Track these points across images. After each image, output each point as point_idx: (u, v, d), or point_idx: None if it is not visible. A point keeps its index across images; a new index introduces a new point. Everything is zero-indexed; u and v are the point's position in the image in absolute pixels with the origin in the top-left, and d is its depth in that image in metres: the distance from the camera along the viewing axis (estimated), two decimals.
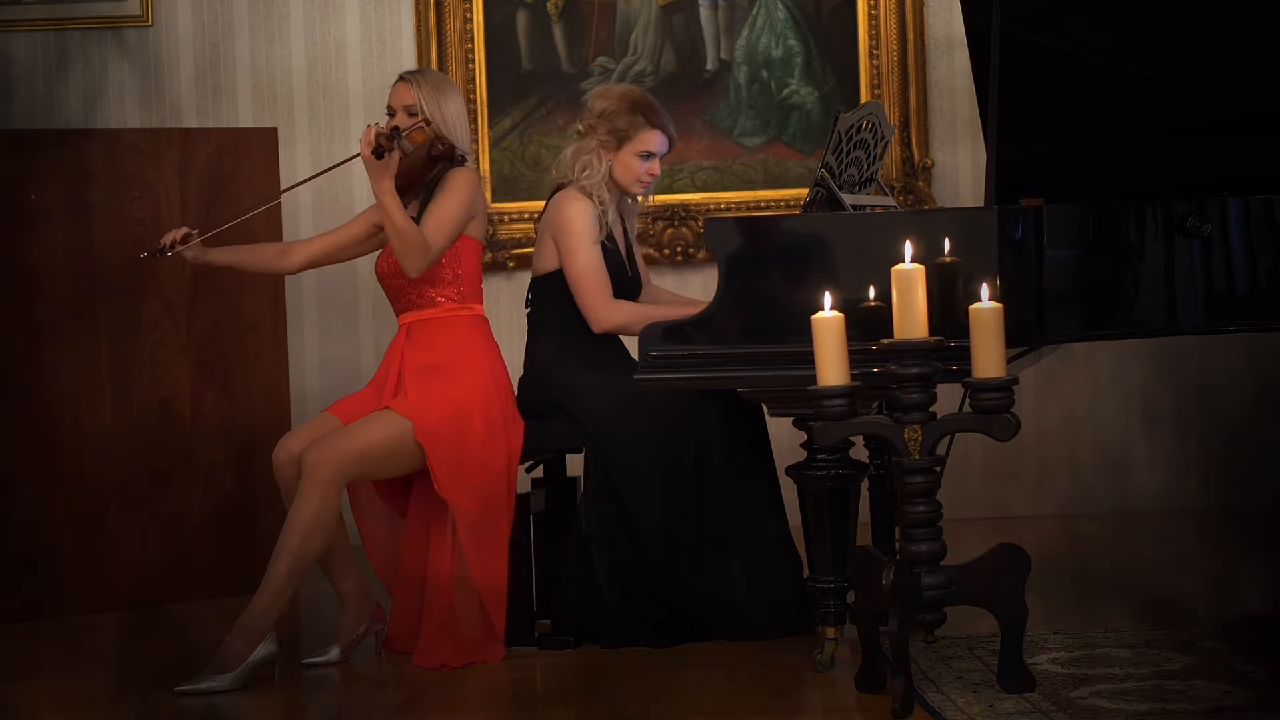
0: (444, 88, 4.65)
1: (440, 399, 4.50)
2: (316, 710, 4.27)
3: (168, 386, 5.51)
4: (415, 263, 4.50)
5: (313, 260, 4.81)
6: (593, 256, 4.73)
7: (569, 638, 4.62)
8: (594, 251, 4.74)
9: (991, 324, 3.79)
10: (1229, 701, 3.72)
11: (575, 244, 4.73)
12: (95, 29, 6.39)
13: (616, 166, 4.78)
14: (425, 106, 4.60)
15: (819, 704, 4.05)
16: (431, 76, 4.69)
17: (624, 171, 4.79)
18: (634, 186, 4.81)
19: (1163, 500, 6.45)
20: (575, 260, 4.74)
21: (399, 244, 4.48)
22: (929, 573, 3.85)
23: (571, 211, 4.75)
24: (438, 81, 4.66)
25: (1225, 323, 4.31)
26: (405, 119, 4.61)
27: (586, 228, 4.74)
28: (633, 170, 4.78)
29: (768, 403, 4.27)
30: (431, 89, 4.62)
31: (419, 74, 4.70)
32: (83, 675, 4.63)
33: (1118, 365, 6.48)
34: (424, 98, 4.61)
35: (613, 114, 4.77)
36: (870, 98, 6.30)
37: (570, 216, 4.75)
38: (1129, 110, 4.48)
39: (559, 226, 4.76)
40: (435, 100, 4.61)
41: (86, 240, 5.43)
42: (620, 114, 4.77)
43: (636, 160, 4.78)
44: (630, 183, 4.80)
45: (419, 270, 4.51)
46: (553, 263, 4.79)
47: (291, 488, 4.46)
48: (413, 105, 4.61)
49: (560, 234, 4.75)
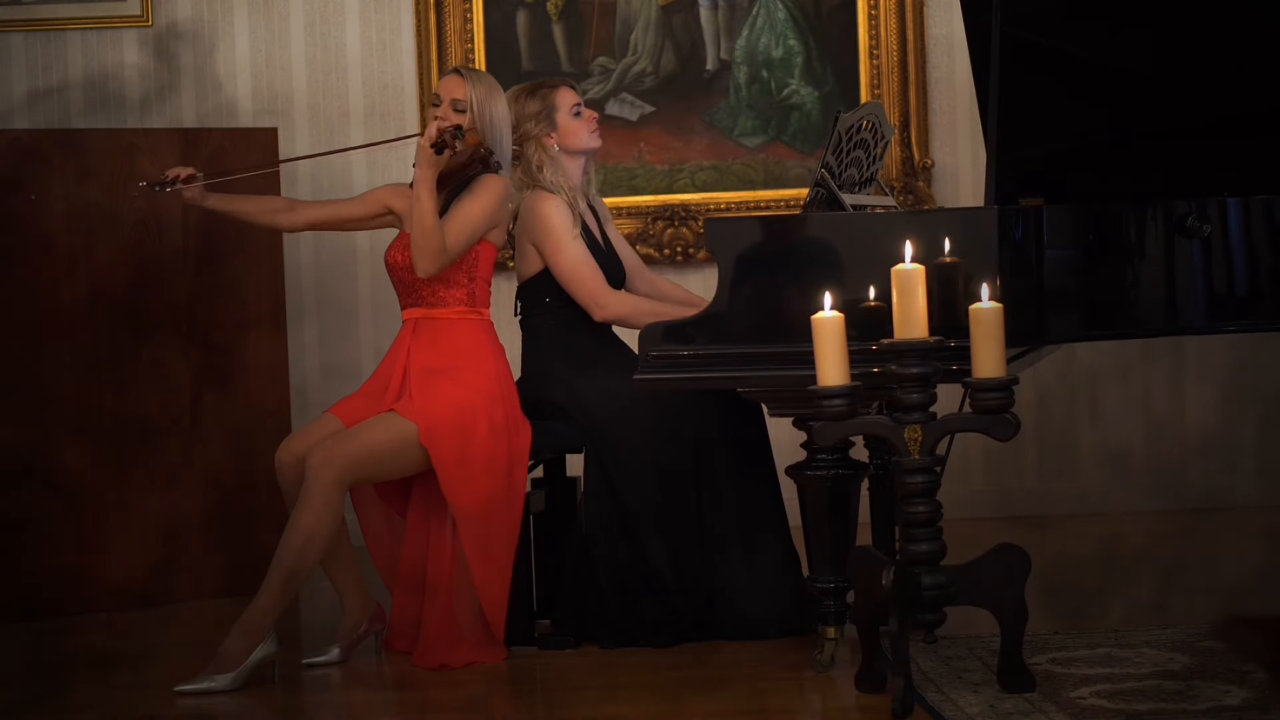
0: (496, 92, 4.66)
1: (445, 401, 4.49)
2: (316, 710, 4.27)
3: (168, 386, 5.51)
4: (428, 263, 4.49)
5: (315, 223, 4.80)
6: (578, 249, 4.74)
7: (569, 638, 4.62)
8: (577, 244, 4.74)
9: (991, 324, 3.79)
10: (1229, 701, 3.73)
11: (556, 242, 4.74)
12: (95, 29, 6.39)
13: (564, 139, 4.81)
14: (476, 105, 4.59)
15: (819, 704, 4.05)
16: (486, 78, 4.69)
17: (572, 137, 4.81)
18: (589, 140, 4.84)
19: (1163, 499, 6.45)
20: (561, 257, 4.74)
21: (420, 238, 4.47)
22: (929, 573, 3.86)
23: (545, 210, 4.75)
24: (491, 85, 4.66)
25: (1225, 323, 4.31)
26: (451, 112, 4.60)
27: (563, 223, 4.74)
28: (577, 130, 4.82)
29: (768, 403, 4.27)
30: (485, 90, 4.63)
31: (475, 72, 4.71)
32: (83, 675, 4.63)
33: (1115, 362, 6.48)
34: (476, 96, 4.60)
35: (521, 111, 4.80)
36: (870, 98, 6.30)
37: (545, 215, 4.75)
38: (1129, 110, 4.48)
39: (536, 228, 4.75)
40: (487, 102, 4.62)
41: (86, 240, 5.43)
42: (525, 103, 4.81)
43: (573, 120, 4.81)
44: (584, 139, 4.83)
45: (428, 272, 4.50)
46: (534, 266, 4.79)
47: (294, 490, 4.46)
48: (463, 101, 4.60)
49: (539, 235, 4.75)
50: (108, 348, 5.43)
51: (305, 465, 4.39)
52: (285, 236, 5.83)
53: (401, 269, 4.63)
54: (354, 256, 6.39)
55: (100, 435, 5.42)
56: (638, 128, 6.42)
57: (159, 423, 5.49)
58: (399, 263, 4.63)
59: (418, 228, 4.47)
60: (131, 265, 5.46)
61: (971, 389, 3.82)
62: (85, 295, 5.42)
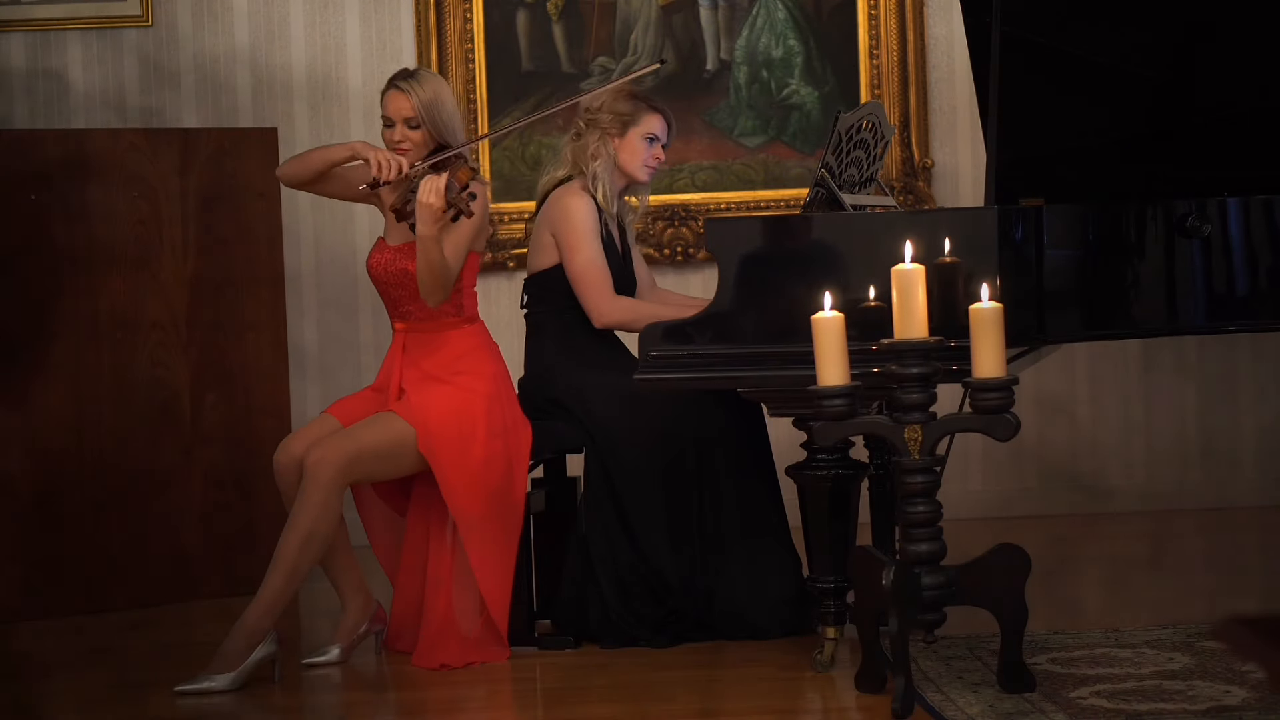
0: (439, 89, 4.54)
1: (442, 406, 4.48)
2: (316, 710, 4.27)
3: (168, 386, 5.51)
4: (439, 297, 4.46)
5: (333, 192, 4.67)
6: (595, 252, 4.73)
7: (569, 638, 4.62)
8: (596, 246, 4.73)
9: (991, 324, 3.79)
10: (1229, 701, 3.72)
11: (577, 239, 4.73)
12: (95, 29, 6.39)
13: (622, 152, 4.78)
14: (425, 115, 4.49)
15: (819, 704, 4.05)
16: (424, 78, 4.54)
17: (630, 156, 4.78)
18: (641, 172, 4.80)
19: (1162, 500, 6.44)
20: (577, 255, 4.73)
21: (429, 279, 4.41)
22: (929, 573, 3.86)
23: (573, 206, 4.75)
24: (431, 82, 4.54)
25: (1225, 323, 4.31)
26: (406, 131, 4.52)
27: (588, 223, 4.74)
28: (638, 154, 4.79)
29: (768, 403, 4.27)
30: (430, 95, 4.50)
31: (411, 80, 4.53)
32: (83, 675, 4.63)
33: (1115, 362, 6.48)
34: (423, 106, 4.49)
35: (614, 102, 4.79)
36: (870, 98, 6.30)
37: (572, 211, 4.74)
38: (1129, 110, 4.48)
39: (560, 221, 4.75)
40: (435, 107, 4.50)
41: (86, 240, 5.42)
42: (621, 101, 4.80)
43: (642, 144, 4.79)
44: (637, 168, 4.79)
45: (439, 303, 4.49)
46: (549, 259, 4.78)
47: (292, 490, 4.45)
48: (413, 117, 4.49)
49: (562, 229, 4.74)
50: (108, 347, 5.43)
51: (303, 465, 4.39)
52: (286, 236, 5.86)
53: (385, 283, 4.57)
54: (354, 256, 6.39)
55: (100, 435, 5.42)
56: None
57: (159, 423, 5.49)
58: (381, 276, 4.57)
59: (428, 273, 4.40)
60: (131, 265, 5.46)
61: (971, 389, 3.82)
62: (85, 295, 5.41)
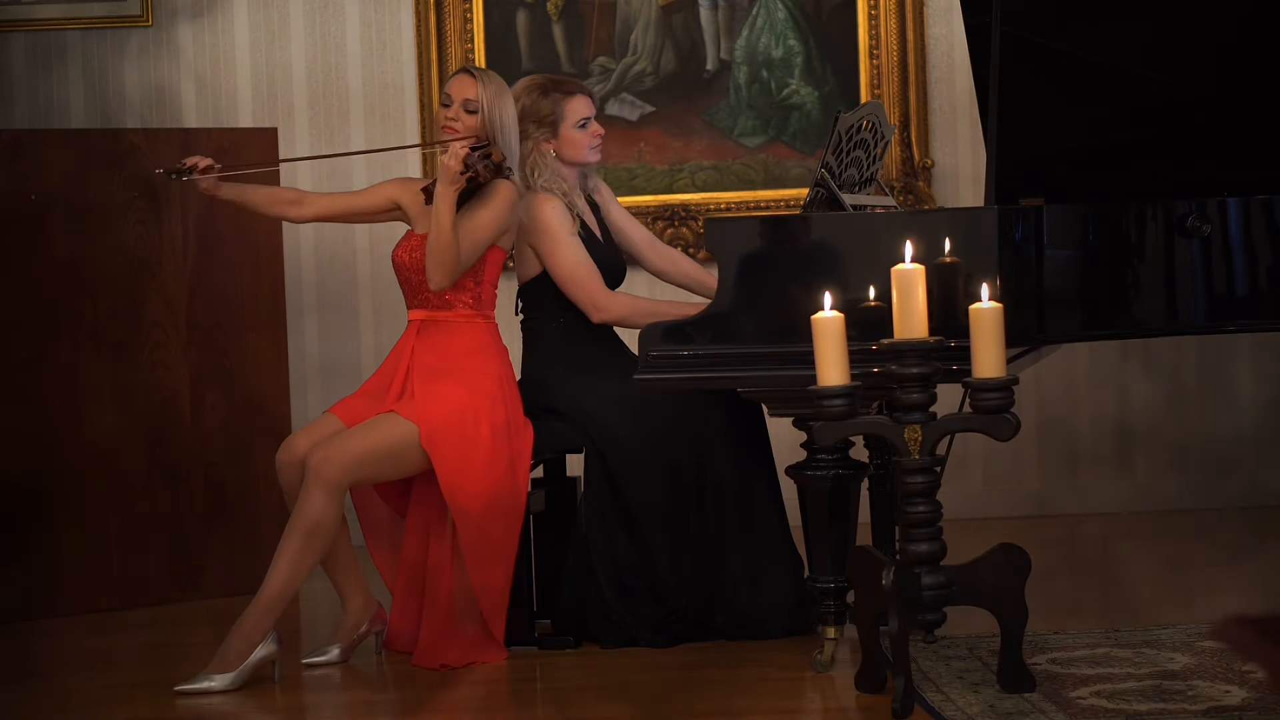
0: (505, 93, 4.60)
1: (446, 403, 4.49)
2: (316, 710, 4.27)
3: (168, 386, 5.51)
4: (441, 276, 4.48)
5: (322, 216, 4.77)
6: (576, 251, 4.72)
7: (569, 638, 4.62)
8: (575, 245, 4.72)
9: (991, 324, 3.79)
10: (1229, 701, 3.72)
11: (553, 243, 4.72)
12: (95, 29, 6.39)
13: (563, 149, 4.77)
14: (486, 106, 4.55)
15: (819, 704, 4.05)
16: (495, 78, 4.63)
17: (572, 149, 4.77)
18: (589, 155, 4.80)
19: (1164, 499, 6.45)
20: (559, 259, 4.72)
21: (436, 253, 4.44)
22: (929, 573, 3.86)
23: (541, 212, 4.73)
24: (500, 86, 4.61)
25: (1225, 323, 4.31)
26: (462, 113, 4.55)
27: (560, 224, 4.72)
28: (579, 143, 4.78)
29: (768, 403, 4.27)
30: (495, 91, 4.57)
31: (485, 72, 4.64)
32: (83, 675, 4.63)
33: (1111, 362, 6.48)
34: (486, 97, 4.56)
35: (530, 107, 4.76)
36: (870, 98, 6.30)
37: (541, 217, 4.72)
38: (1129, 110, 4.48)
39: (533, 231, 4.73)
40: (496, 104, 4.56)
41: (86, 240, 5.43)
42: (536, 101, 4.76)
43: (577, 132, 4.78)
44: (584, 154, 4.79)
45: (441, 285, 4.49)
46: (534, 268, 4.78)
47: (295, 489, 4.46)
48: (474, 101, 4.55)
49: (536, 237, 4.73)
50: (108, 347, 5.43)
51: (305, 465, 4.39)
52: (286, 236, 5.83)
53: (409, 269, 4.62)
54: (354, 256, 6.39)
55: (100, 435, 5.42)
56: (638, 128, 6.42)
57: (159, 422, 5.49)
58: (406, 263, 4.62)
59: (435, 242, 4.44)
60: (131, 265, 5.46)
61: (971, 389, 3.82)
62: (85, 295, 5.42)
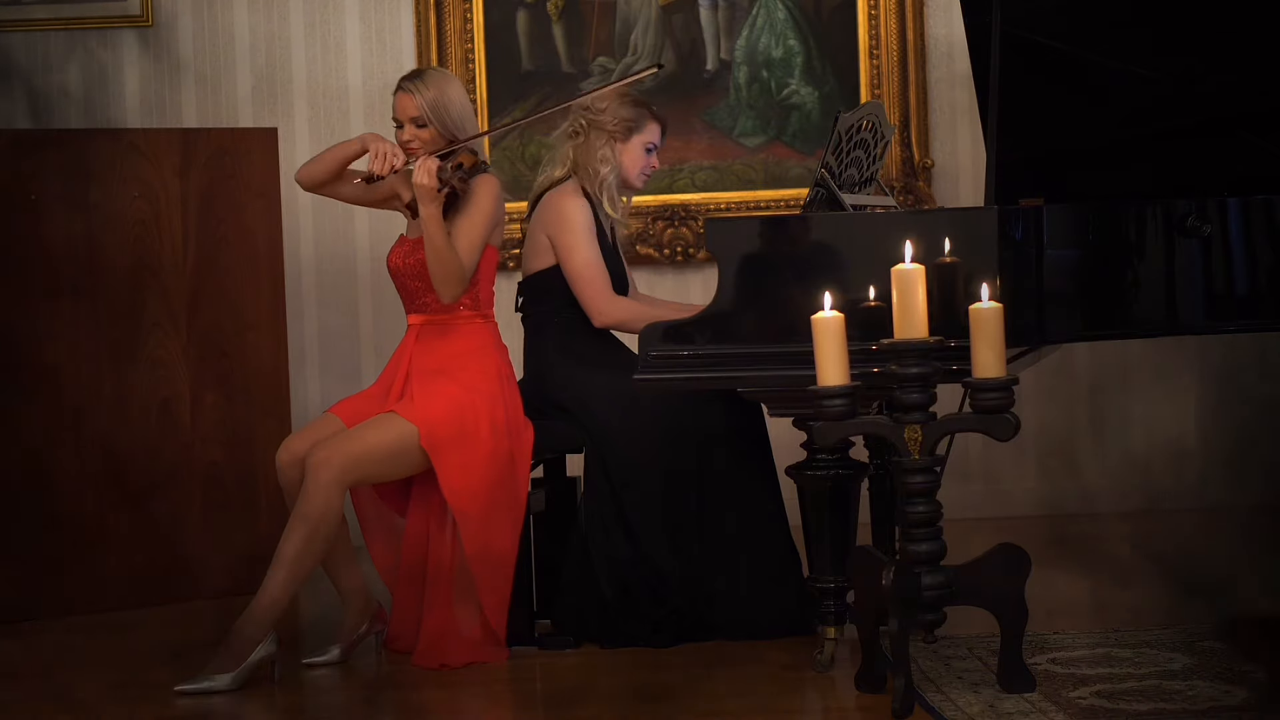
0: (445, 86, 4.57)
1: (446, 403, 4.49)
2: (316, 710, 4.27)
3: (168, 386, 5.51)
4: (451, 290, 4.48)
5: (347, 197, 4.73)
6: (593, 251, 4.74)
7: (569, 638, 4.62)
8: (593, 246, 4.75)
9: (991, 324, 3.79)
10: (1229, 701, 3.73)
11: (574, 240, 4.74)
12: (95, 29, 6.39)
13: (624, 157, 4.80)
14: (431, 113, 4.54)
15: (819, 704, 4.05)
16: (430, 78, 4.59)
17: (630, 163, 4.81)
18: (637, 180, 4.85)
19: (1163, 499, 6.45)
20: (575, 256, 4.74)
21: (438, 269, 4.45)
22: (929, 573, 3.86)
23: (569, 207, 4.76)
24: (437, 82, 4.57)
25: (1225, 323, 4.31)
26: (414, 130, 4.56)
27: (585, 223, 4.75)
28: (638, 162, 4.82)
29: (768, 403, 4.27)
30: (435, 93, 4.54)
31: (416, 80, 4.59)
32: (82, 675, 4.63)
33: (1111, 362, 6.49)
34: (428, 105, 4.54)
35: (619, 107, 4.81)
36: (870, 98, 6.30)
37: (569, 212, 4.75)
38: (1129, 110, 4.48)
39: (557, 222, 4.75)
40: (440, 104, 4.54)
41: (87, 240, 5.42)
42: (626, 106, 4.82)
43: (642, 152, 4.83)
44: (635, 175, 4.83)
45: (455, 297, 4.49)
46: (545, 260, 4.79)
47: (294, 489, 4.46)
48: (419, 116, 4.54)
49: (558, 230, 4.75)
50: (107, 348, 5.43)
51: (305, 465, 4.39)
52: (286, 236, 5.85)
53: (404, 275, 4.61)
54: (354, 256, 6.39)
55: (100, 434, 5.42)
56: None
57: (159, 422, 5.49)
58: (401, 269, 4.62)
59: (435, 262, 4.44)
60: (131, 265, 5.46)
61: (971, 389, 3.82)
62: (85, 295, 5.41)
